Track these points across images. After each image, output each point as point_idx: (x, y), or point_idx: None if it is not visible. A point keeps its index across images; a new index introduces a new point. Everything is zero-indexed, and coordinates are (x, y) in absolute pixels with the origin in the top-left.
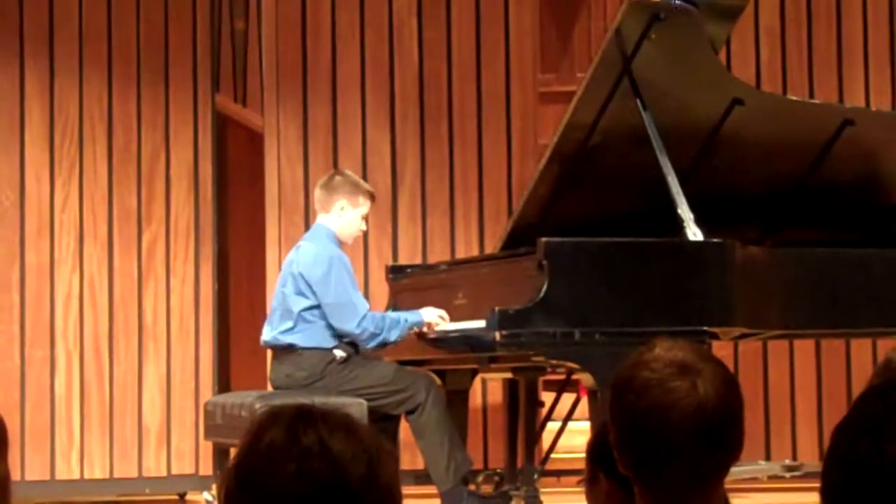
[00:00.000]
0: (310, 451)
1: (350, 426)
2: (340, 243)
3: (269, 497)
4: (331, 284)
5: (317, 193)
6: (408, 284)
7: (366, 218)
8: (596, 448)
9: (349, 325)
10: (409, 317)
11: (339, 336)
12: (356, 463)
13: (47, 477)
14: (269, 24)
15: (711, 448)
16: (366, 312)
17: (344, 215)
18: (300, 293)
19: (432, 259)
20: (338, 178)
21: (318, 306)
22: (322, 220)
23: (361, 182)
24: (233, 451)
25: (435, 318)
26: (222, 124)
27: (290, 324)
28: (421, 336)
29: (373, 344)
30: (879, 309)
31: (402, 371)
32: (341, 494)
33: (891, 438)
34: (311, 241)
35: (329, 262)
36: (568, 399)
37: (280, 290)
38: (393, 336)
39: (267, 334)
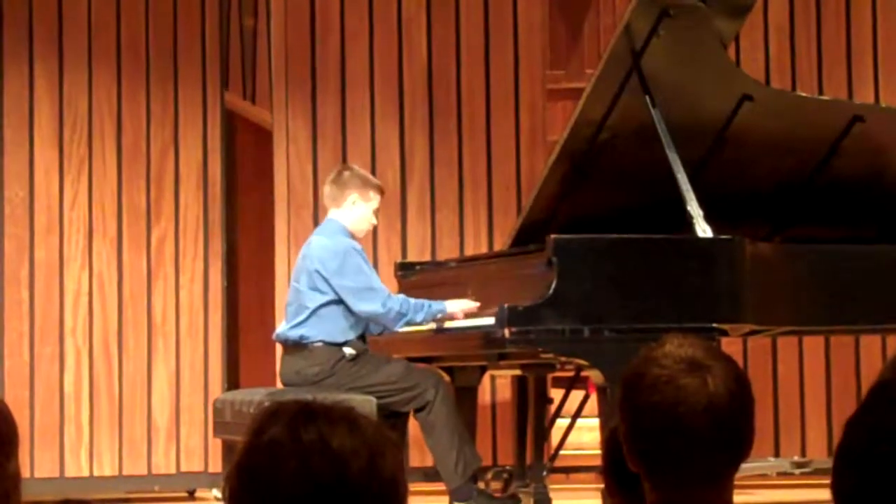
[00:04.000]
0: (310, 449)
1: (352, 420)
2: (352, 237)
3: (271, 495)
4: (348, 272)
5: (326, 189)
6: (417, 281)
7: (376, 212)
8: (606, 457)
9: (374, 306)
10: (433, 304)
11: (351, 330)
12: (356, 457)
13: (56, 474)
14: (278, 20)
15: (721, 445)
16: (388, 293)
17: (355, 209)
18: (315, 288)
19: (441, 255)
20: (347, 172)
21: (332, 302)
22: (333, 214)
23: (371, 177)
24: None
25: (458, 309)
26: (231, 121)
27: (303, 318)
28: (436, 331)
29: (400, 324)
30: (888, 305)
31: (412, 369)
32: (342, 490)
33: None
34: (324, 234)
35: (344, 252)
36: (577, 396)
37: (293, 286)
38: (419, 317)
39: (281, 329)
